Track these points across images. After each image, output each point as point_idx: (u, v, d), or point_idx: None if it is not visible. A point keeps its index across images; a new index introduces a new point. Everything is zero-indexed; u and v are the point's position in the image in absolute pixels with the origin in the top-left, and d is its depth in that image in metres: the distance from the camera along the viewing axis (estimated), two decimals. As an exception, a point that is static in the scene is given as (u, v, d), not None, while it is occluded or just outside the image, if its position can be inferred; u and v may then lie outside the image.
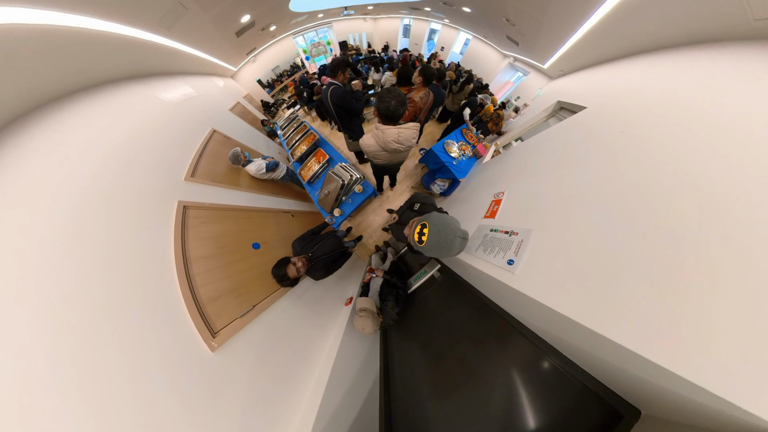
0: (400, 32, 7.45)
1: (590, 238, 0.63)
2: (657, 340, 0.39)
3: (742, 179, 0.48)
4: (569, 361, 0.61)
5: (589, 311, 0.50)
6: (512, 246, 0.80)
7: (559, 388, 0.61)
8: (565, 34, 2.45)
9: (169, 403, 0.71)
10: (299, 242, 1.53)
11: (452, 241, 0.77)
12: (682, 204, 0.52)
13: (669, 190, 0.57)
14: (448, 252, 0.79)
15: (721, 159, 0.55)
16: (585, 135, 1.16)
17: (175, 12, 2.03)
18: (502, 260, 0.79)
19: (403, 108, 1.11)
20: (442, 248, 0.78)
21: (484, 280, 0.93)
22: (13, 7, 1.09)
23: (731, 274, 0.38)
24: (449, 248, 0.78)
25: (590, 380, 0.56)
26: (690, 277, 0.42)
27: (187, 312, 0.95)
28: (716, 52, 0.99)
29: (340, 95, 1.80)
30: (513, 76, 5.06)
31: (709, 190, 0.51)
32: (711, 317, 0.37)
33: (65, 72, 1.39)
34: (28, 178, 0.93)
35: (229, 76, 4.52)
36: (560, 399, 0.60)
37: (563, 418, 0.57)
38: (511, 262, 0.75)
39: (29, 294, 0.69)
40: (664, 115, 0.82)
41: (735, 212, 0.44)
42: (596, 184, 0.78)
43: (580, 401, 0.57)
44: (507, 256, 0.78)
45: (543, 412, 0.60)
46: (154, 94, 1.98)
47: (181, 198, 1.40)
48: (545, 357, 0.66)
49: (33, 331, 0.64)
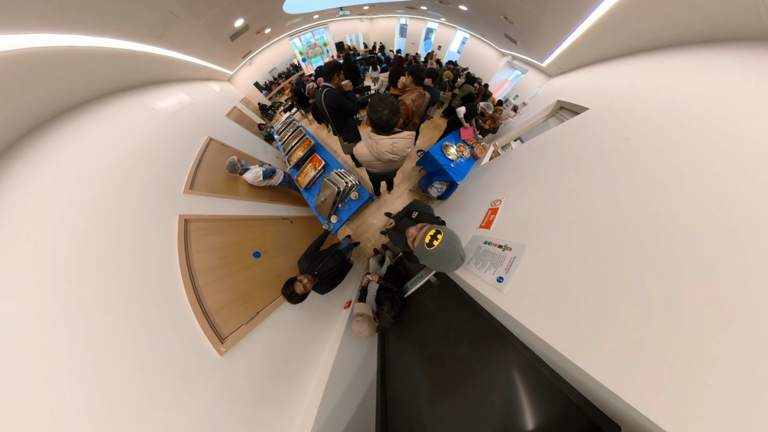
0: (397, 32, 7.39)
1: (587, 265, 0.60)
2: (636, 384, 0.40)
3: (756, 192, 0.45)
4: (554, 372, 0.62)
5: (574, 343, 0.51)
6: (504, 262, 0.79)
7: (545, 397, 0.61)
8: (565, 31, 2.41)
9: (183, 402, 0.79)
10: (305, 261, 1.55)
11: (454, 258, 0.80)
12: (699, 234, 0.46)
13: (683, 211, 0.51)
14: (447, 266, 0.81)
15: (738, 175, 0.50)
16: (587, 141, 1.11)
17: (165, 21, 2.01)
18: (492, 277, 0.78)
19: (397, 117, 1.09)
20: (444, 260, 0.80)
21: (475, 291, 0.93)
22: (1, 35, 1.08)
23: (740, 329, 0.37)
24: (449, 262, 0.80)
25: (573, 393, 0.57)
26: (699, 329, 0.39)
27: (197, 322, 1.01)
28: (728, 52, 0.91)
29: (334, 97, 1.80)
30: (511, 74, 5.01)
31: (727, 214, 0.46)
32: (696, 376, 0.37)
33: (54, 93, 1.35)
34: (27, 210, 0.94)
35: (225, 80, 4.51)
36: (545, 407, 0.61)
37: (548, 427, 0.58)
38: (500, 280, 0.74)
39: (54, 322, 0.74)
40: (675, 120, 0.76)
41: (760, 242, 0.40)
42: (598, 201, 0.73)
43: (563, 412, 0.57)
44: (497, 273, 0.78)
45: (529, 419, 0.62)
46: (149, 104, 1.98)
47: (182, 211, 1.42)
48: (533, 366, 0.67)
49: (62, 349, 0.71)
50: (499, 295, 0.72)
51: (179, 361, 0.86)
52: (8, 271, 0.77)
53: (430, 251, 0.80)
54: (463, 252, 0.81)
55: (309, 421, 0.93)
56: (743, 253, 0.41)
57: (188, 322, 0.99)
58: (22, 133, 1.18)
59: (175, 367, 0.84)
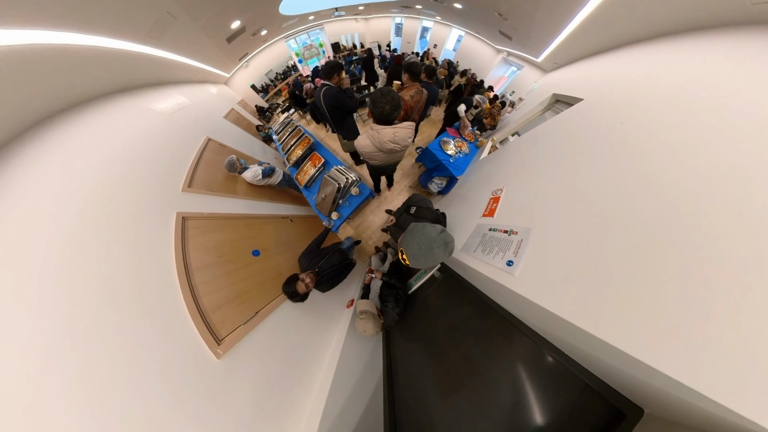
0: (392, 31, 7.43)
1: (593, 237, 0.61)
2: (657, 345, 0.39)
3: (746, 171, 0.47)
4: (571, 359, 0.60)
5: (591, 316, 0.50)
6: (512, 246, 0.78)
7: (562, 386, 0.60)
8: (559, 26, 2.43)
9: (177, 412, 0.72)
10: (305, 258, 1.53)
11: (430, 254, 0.82)
12: (691, 200, 0.50)
13: (675, 184, 0.56)
14: (433, 263, 0.85)
15: (725, 150, 0.54)
16: (583, 127, 1.14)
17: (163, 22, 2.01)
18: (501, 261, 0.77)
19: (397, 111, 1.14)
20: (427, 262, 0.85)
21: (483, 279, 0.93)
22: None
23: (736, 280, 0.37)
24: (432, 259, 0.84)
25: (592, 379, 0.55)
26: (695, 282, 0.40)
27: (192, 322, 0.96)
28: (714, 38, 0.97)
29: (333, 95, 1.81)
30: (507, 70, 5.03)
31: (714, 186, 0.49)
32: (712, 322, 0.36)
33: (51, 91, 1.35)
34: (24, 208, 0.92)
35: (222, 82, 4.51)
36: (562, 397, 0.59)
37: (567, 416, 0.57)
38: (510, 263, 0.74)
39: (46, 317, 0.70)
40: (665, 106, 0.80)
41: (751, 211, 0.42)
42: (597, 179, 0.76)
43: (582, 399, 0.56)
44: (506, 257, 0.77)
45: (546, 410, 0.60)
46: (147, 105, 1.98)
47: (180, 209, 1.40)
48: (547, 355, 0.65)
49: (45, 347, 0.66)
50: (510, 278, 0.72)
51: (172, 366, 0.80)
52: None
53: (411, 267, 0.86)
54: (442, 238, 0.84)
55: (313, 426, 0.89)
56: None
57: (183, 322, 0.94)
58: (16, 131, 1.17)
59: (170, 377, 0.77)
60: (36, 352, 0.64)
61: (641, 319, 0.43)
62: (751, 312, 0.34)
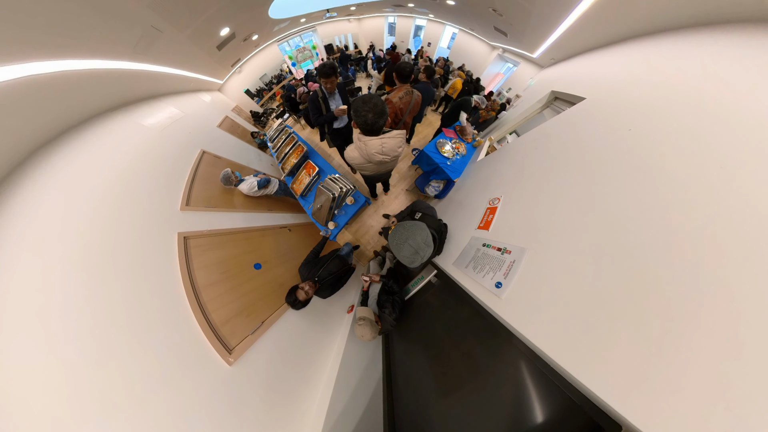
0: (386, 30, 7.34)
1: (588, 272, 0.57)
2: (631, 396, 0.40)
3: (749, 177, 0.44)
4: (557, 374, 0.60)
5: (571, 353, 0.50)
6: (503, 266, 0.77)
7: (548, 398, 0.61)
8: (555, 20, 2.37)
9: (197, 414, 0.82)
10: (305, 268, 1.54)
11: (399, 250, 0.92)
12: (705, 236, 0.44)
13: (689, 205, 0.49)
14: (409, 263, 0.92)
15: (741, 165, 0.48)
16: (587, 133, 1.05)
17: (148, 37, 1.98)
18: (491, 281, 0.76)
19: (383, 119, 1.04)
20: (398, 254, 0.92)
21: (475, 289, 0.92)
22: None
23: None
24: (409, 260, 0.92)
25: (576, 394, 0.56)
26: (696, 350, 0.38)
27: (205, 337, 1.04)
28: (724, 34, 0.87)
29: (311, 101, 1.87)
30: (503, 67, 4.97)
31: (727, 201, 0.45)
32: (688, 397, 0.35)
33: (39, 122, 1.29)
34: (24, 247, 0.93)
35: (215, 89, 4.48)
36: (549, 407, 0.60)
37: (551, 425, 0.58)
38: (499, 285, 0.72)
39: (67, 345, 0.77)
40: (676, 111, 0.71)
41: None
42: (606, 200, 0.67)
43: (566, 411, 0.57)
44: (496, 278, 0.76)
45: (532, 419, 0.61)
46: (138, 122, 1.95)
47: (180, 229, 1.41)
48: (535, 368, 0.66)
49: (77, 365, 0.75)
50: (497, 301, 0.71)
51: (191, 375, 0.90)
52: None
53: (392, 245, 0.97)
54: (421, 238, 0.90)
55: (318, 423, 0.97)
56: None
57: (197, 339, 1.01)
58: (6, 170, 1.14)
59: (189, 379, 0.88)
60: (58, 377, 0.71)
61: (622, 370, 0.43)
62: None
